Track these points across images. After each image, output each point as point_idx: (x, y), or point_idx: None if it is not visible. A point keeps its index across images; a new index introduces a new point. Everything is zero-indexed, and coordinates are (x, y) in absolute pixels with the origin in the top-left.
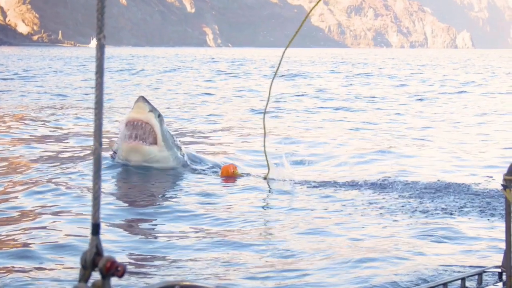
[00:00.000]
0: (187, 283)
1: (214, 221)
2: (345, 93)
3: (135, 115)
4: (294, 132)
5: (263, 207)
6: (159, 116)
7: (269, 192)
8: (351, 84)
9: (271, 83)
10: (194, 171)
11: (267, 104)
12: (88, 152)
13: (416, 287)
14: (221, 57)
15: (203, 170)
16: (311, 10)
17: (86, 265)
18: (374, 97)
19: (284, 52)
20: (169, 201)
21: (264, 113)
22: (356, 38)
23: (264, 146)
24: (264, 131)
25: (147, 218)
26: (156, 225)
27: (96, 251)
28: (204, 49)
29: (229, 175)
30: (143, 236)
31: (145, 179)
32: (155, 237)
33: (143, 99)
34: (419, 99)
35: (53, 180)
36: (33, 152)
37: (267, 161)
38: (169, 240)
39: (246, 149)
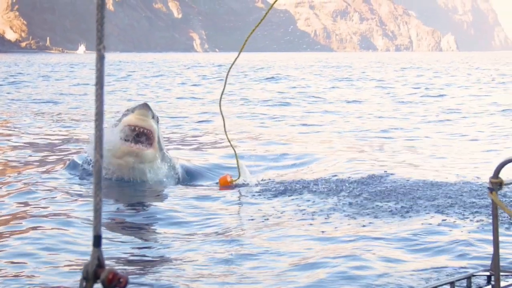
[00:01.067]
0: None
1: (212, 229)
2: (329, 96)
3: (138, 122)
4: (280, 137)
5: (258, 211)
6: (157, 118)
7: (265, 197)
8: (333, 87)
9: (227, 76)
10: (185, 177)
11: (222, 94)
12: (68, 157)
13: None
14: (209, 62)
15: (196, 177)
16: (268, 10)
17: (88, 277)
18: (358, 100)
19: (240, 51)
20: (165, 209)
21: (220, 102)
22: (342, 42)
23: (226, 134)
24: (224, 122)
25: (144, 227)
26: (154, 234)
27: (98, 263)
28: (192, 54)
29: (227, 184)
30: (142, 246)
31: (138, 188)
32: (155, 247)
33: (147, 106)
34: (402, 102)
35: (41, 187)
36: (19, 158)
37: (231, 145)
38: (169, 249)
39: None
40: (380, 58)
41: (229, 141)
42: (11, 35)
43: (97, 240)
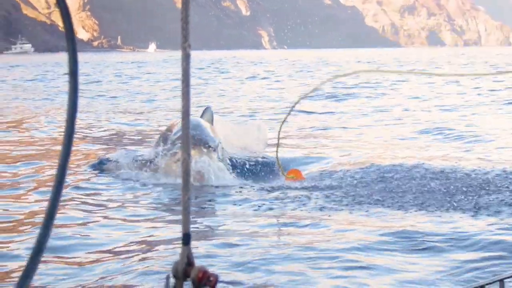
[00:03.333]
0: None
1: (295, 226)
2: (396, 91)
3: (196, 157)
4: (349, 131)
5: (327, 203)
6: (216, 147)
7: (334, 190)
8: (401, 81)
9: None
10: (248, 173)
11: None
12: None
13: None
14: (278, 59)
15: (263, 172)
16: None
17: (178, 275)
18: (425, 95)
19: (294, 105)
20: (232, 204)
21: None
22: (410, 38)
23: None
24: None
25: (219, 225)
26: (231, 231)
27: (187, 261)
28: (260, 51)
29: (293, 180)
30: (226, 243)
31: (202, 189)
32: (236, 244)
33: (206, 148)
34: (470, 95)
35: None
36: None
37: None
38: (253, 246)
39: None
40: (448, 53)
41: (277, 162)
42: (83, 35)
43: (186, 238)
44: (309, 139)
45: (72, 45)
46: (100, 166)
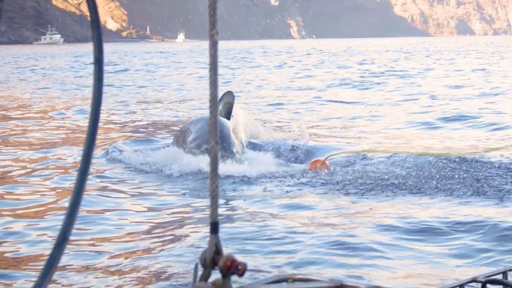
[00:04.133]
0: (300, 276)
1: (326, 214)
2: (423, 80)
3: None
4: (375, 119)
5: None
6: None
7: (356, 180)
8: (428, 69)
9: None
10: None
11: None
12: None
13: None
14: (305, 48)
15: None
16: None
17: (206, 264)
18: (455, 84)
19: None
20: (260, 191)
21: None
22: (439, 27)
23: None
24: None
25: (251, 211)
26: (261, 218)
27: (216, 249)
28: (289, 41)
29: (319, 169)
30: (253, 231)
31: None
32: (265, 232)
33: (232, 155)
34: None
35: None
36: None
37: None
38: (280, 234)
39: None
40: (477, 42)
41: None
42: (112, 25)
43: (214, 227)
44: (336, 128)
45: (97, 34)
46: (112, 155)
